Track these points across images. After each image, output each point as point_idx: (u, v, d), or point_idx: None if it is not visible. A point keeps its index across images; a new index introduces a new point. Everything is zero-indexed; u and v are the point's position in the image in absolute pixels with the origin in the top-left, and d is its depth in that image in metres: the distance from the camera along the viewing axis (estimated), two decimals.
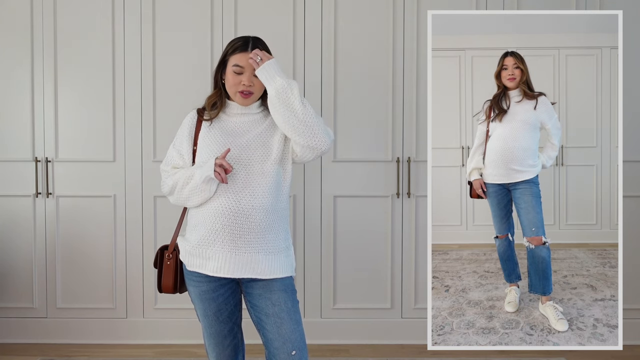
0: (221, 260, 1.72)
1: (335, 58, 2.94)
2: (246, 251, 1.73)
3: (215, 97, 1.85)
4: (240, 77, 1.78)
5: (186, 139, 1.85)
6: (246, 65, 1.77)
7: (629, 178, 2.91)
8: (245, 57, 1.77)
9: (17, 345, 2.99)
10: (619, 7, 2.81)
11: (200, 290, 1.79)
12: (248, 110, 1.85)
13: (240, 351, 1.90)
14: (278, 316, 1.74)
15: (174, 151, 1.87)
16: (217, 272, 1.73)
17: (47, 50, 2.95)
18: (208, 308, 1.80)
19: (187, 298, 3.00)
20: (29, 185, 2.99)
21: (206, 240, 1.74)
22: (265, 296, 1.76)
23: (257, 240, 1.74)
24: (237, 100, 1.82)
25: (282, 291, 1.76)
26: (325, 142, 1.74)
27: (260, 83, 1.78)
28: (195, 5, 2.94)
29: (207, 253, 1.74)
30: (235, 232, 1.72)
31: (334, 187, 2.98)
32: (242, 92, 1.79)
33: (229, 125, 1.83)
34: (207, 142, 1.81)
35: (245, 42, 1.80)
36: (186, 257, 1.80)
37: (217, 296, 1.79)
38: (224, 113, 1.86)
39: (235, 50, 1.79)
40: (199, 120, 1.87)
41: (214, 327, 1.82)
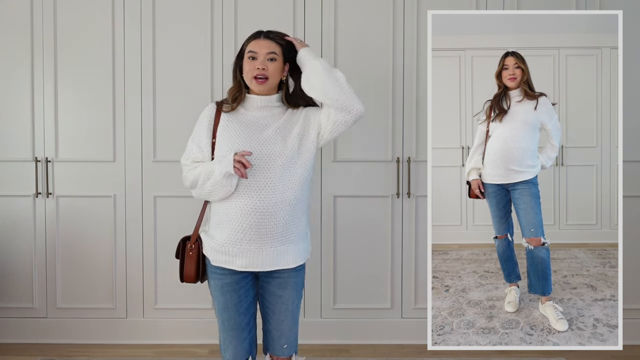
0: (249, 257, 1.80)
1: (335, 58, 2.94)
2: (272, 245, 1.81)
3: (235, 89, 1.90)
4: (254, 62, 1.84)
5: (205, 132, 1.89)
6: (259, 51, 1.84)
7: (629, 178, 2.91)
8: (258, 43, 1.85)
9: (17, 345, 2.99)
10: (619, 7, 2.81)
11: (223, 282, 1.85)
12: (267, 103, 1.88)
13: (254, 346, 1.94)
14: (283, 314, 1.90)
15: (193, 144, 1.91)
16: (246, 268, 1.82)
17: (47, 50, 2.95)
18: (229, 300, 1.86)
19: (187, 298, 3.01)
20: (29, 185, 2.99)
21: (233, 239, 1.80)
22: (278, 294, 1.89)
23: (282, 233, 1.81)
24: (253, 88, 1.86)
25: (293, 289, 1.90)
26: (358, 104, 1.82)
27: (274, 68, 1.84)
28: (195, 6, 2.94)
29: (233, 251, 1.81)
30: (261, 229, 1.79)
31: (334, 187, 2.98)
32: (257, 77, 1.83)
33: (248, 119, 1.87)
34: (226, 136, 1.84)
35: (259, 32, 1.89)
36: (211, 254, 1.85)
37: (239, 288, 1.86)
38: (243, 107, 1.90)
39: (250, 40, 1.88)
40: (218, 112, 1.90)
41: (234, 319, 1.86)
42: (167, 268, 3.00)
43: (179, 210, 2.98)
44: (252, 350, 1.92)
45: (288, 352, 1.95)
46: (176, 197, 2.97)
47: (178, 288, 3.01)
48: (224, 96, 2.94)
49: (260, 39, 1.86)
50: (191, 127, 2.93)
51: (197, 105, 2.95)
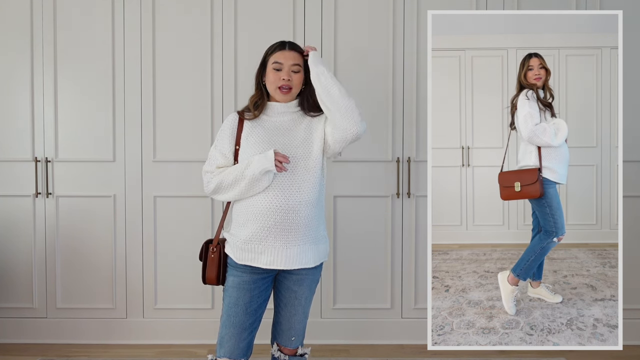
0: (274, 254, 1.86)
1: (335, 58, 2.94)
2: (296, 244, 1.87)
3: (257, 97, 1.98)
4: (279, 73, 1.92)
5: (227, 139, 1.95)
6: (284, 62, 1.92)
7: (629, 178, 2.91)
8: (284, 54, 1.92)
9: (17, 345, 2.99)
10: (619, 7, 2.81)
11: (241, 280, 1.89)
12: (287, 109, 1.96)
13: (251, 349, 1.96)
14: (294, 308, 1.98)
15: (216, 152, 1.97)
16: (270, 265, 1.87)
17: (47, 50, 2.95)
18: (241, 297, 1.89)
19: (187, 298, 3.01)
20: (28, 185, 2.99)
21: (258, 236, 1.86)
22: (293, 289, 1.96)
23: (305, 232, 1.88)
24: (277, 97, 1.95)
25: (308, 286, 1.98)
26: (358, 124, 1.86)
27: (297, 79, 1.94)
28: (195, 6, 2.94)
29: (259, 248, 1.86)
30: (286, 227, 1.85)
31: (334, 187, 2.98)
32: (282, 88, 1.92)
33: (271, 125, 1.95)
34: (251, 142, 1.91)
35: (283, 43, 1.97)
36: (235, 253, 1.90)
37: (254, 287, 1.90)
38: (265, 114, 1.98)
39: (275, 50, 1.95)
40: (241, 120, 1.97)
41: (239, 317, 1.89)
42: (167, 268, 3.00)
43: (179, 210, 2.98)
44: (247, 352, 1.93)
45: (295, 344, 2.03)
46: (176, 197, 2.97)
47: (178, 288, 3.01)
48: (223, 96, 2.95)
49: (286, 50, 1.94)
50: (191, 127, 2.96)
51: (197, 105, 2.96)
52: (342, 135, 1.88)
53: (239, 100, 2.93)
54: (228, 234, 1.95)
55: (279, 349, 2.04)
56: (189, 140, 2.96)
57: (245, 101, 2.13)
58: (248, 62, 2.90)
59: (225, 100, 2.95)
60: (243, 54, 2.93)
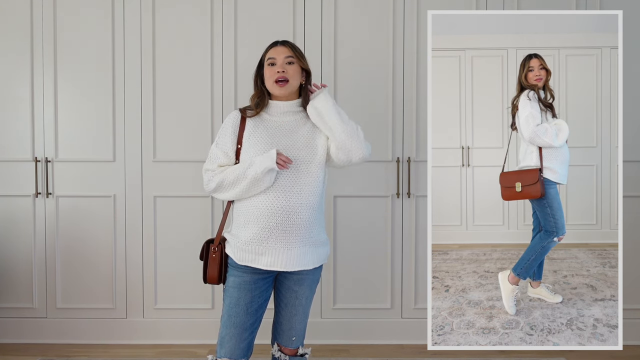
0: (274, 255, 1.86)
1: (335, 58, 2.94)
2: (296, 246, 1.87)
3: (257, 95, 2.00)
4: (274, 67, 1.94)
5: (230, 138, 1.95)
6: (277, 56, 1.94)
7: (629, 178, 2.91)
8: (275, 50, 1.96)
9: (17, 345, 2.99)
10: (619, 7, 2.81)
11: (242, 280, 1.89)
12: (290, 108, 1.97)
13: (251, 349, 1.96)
14: (295, 309, 1.99)
15: (217, 150, 1.96)
16: (271, 267, 1.87)
17: (47, 50, 2.95)
18: (242, 297, 1.89)
19: (186, 298, 3.00)
20: (28, 185, 2.99)
21: (259, 237, 1.86)
22: (294, 289, 1.97)
23: (306, 235, 1.89)
24: (276, 92, 1.94)
25: (308, 286, 1.99)
26: (362, 149, 1.93)
27: (294, 71, 1.94)
28: (195, 6, 2.94)
29: (259, 249, 1.86)
30: (287, 229, 1.85)
31: (334, 187, 2.98)
32: (278, 81, 1.92)
33: (273, 125, 1.95)
34: (253, 142, 1.91)
35: (275, 41, 2.01)
36: (236, 253, 1.90)
37: (255, 288, 1.90)
38: (267, 113, 1.98)
39: (268, 49, 1.99)
40: (243, 119, 1.97)
41: (240, 317, 1.89)
42: (167, 268, 3.00)
43: (178, 210, 2.98)
44: (248, 352, 1.93)
45: (296, 345, 2.04)
46: (176, 197, 2.97)
47: (178, 288, 3.01)
48: (223, 96, 2.95)
49: (278, 46, 1.97)
50: (191, 127, 2.96)
51: (197, 105, 2.96)
52: (347, 158, 1.93)
53: (239, 100, 2.93)
54: (229, 235, 1.95)
55: (280, 349, 2.05)
56: (189, 140, 2.96)
57: (245, 101, 2.13)
58: (248, 62, 2.89)
59: (225, 100, 2.95)
60: (243, 54, 2.93)
